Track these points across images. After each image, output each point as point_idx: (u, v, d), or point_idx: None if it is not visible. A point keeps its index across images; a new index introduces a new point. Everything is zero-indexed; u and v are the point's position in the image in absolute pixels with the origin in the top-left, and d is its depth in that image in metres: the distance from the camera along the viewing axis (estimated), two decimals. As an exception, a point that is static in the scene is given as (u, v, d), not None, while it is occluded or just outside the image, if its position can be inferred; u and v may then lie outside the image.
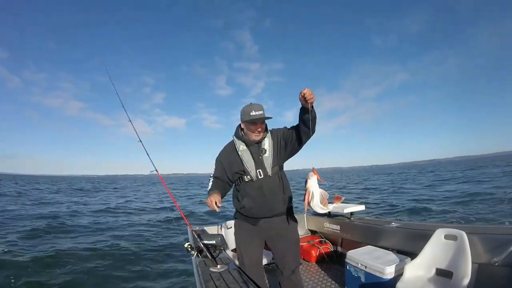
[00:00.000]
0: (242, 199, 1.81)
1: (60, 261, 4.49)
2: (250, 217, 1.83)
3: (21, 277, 3.86)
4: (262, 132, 1.78)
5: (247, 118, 1.71)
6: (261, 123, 1.75)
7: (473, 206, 8.98)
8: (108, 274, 4.13)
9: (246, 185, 1.80)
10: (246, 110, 1.72)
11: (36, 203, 12.57)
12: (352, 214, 3.28)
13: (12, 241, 5.63)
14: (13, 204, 11.76)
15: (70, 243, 5.71)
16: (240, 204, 1.84)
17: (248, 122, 1.72)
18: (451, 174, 27.91)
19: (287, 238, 1.85)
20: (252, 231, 1.85)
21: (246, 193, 1.80)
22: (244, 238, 1.88)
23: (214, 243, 1.81)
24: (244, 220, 1.87)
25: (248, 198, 1.79)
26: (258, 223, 1.82)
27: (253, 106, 1.72)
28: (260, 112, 1.70)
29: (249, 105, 1.74)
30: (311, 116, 1.56)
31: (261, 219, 1.81)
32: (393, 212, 9.14)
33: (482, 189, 12.80)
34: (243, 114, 1.75)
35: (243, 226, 1.88)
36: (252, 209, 1.79)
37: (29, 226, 7.06)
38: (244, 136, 1.81)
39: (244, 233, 1.88)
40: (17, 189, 23.78)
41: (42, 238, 6.10)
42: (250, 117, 1.69)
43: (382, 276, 2.10)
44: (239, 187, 1.86)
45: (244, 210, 1.83)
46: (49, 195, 18.39)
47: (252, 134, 1.76)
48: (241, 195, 1.83)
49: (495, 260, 1.77)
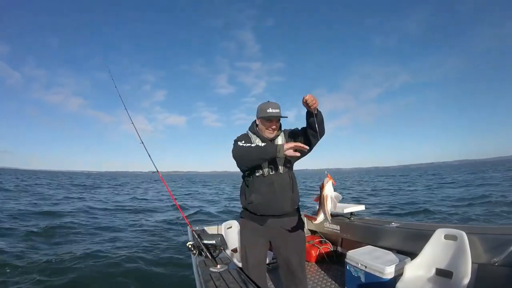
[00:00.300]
0: (251, 195, 1.78)
1: (60, 260, 4.49)
2: (258, 215, 1.80)
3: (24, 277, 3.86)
4: (276, 130, 1.80)
5: (263, 115, 1.74)
6: (276, 121, 1.78)
7: (473, 208, 9.00)
8: (107, 273, 4.13)
9: (257, 180, 1.78)
10: (263, 107, 1.75)
11: (38, 199, 12.56)
12: (352, 214, 3.29)
13: (12, 242, 5.64)
14: (13, 200, 11.76)
15: (69, 242, 5.71)
16: (248, 200, 1.81)
17: (264, 118, 1.75)
18: (451, 177, 27.98)
19: (294, 238, 1.83)
20: (259, 230, 1.83)
21: (256, 188, 1.78)
22: (250, 238, 1.85)
23: (214, 243, 1.81)
24: (250, 219, 1.84)
25: (257, 194, 1.77)
26: (266, 223, 1.80)
27: (271, 104, 1.75)
28: (276, 110, 1.73)
29: (266, 103, 1.77)
30: (317, 120, 1.58)
31: (269, 218, 1.79)
32: (392, 212, 9.16)
33: (483, 191, 12.84)
34: (259, 111, 1.78)
35: (249, 225, 1.86)
36: (260, 206, 1.77)
37: (31, 224, 7.08)
38: (259, 132, 1.83)
39: (250, 233, 1.86)
40: (17, 183, 23.81)
41: (42, 238, 6.10)
42: (267, 114, 1.72)
43: (382, 276, 2.10)
44: (248, 182, 1.82)
45: (251, 206, 1.79)
46: (51, 191, 18.42)
47: (266, 131, 1.79)
48: (249, 190, 1.80)
49: (495, 260, 1.77)
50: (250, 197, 1.79)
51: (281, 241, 1.83)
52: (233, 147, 1.78)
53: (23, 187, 20.30)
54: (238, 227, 3.18)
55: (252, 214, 1.83)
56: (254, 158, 1.64)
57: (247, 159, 1.67)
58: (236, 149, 1.73)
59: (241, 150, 1.69)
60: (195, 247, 1.82)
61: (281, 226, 1.81)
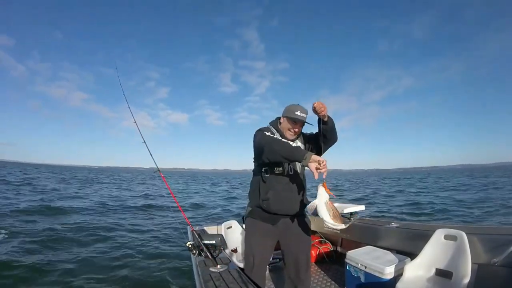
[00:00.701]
0: (268, 191, 1.77)
1: (57, 256, 4.49)
2: (271, 214, 1.79)
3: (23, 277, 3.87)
4: (296, 134, 1.83)
5: (290, 115, 1.75)
6: (300, 125, 1.80)
7: (474, 210, 8.99)
8: (105, 272, 4.13)
9: (276, 177, 1.78)
10: (292, 108, 1.76)
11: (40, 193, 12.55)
12: (352, 214, 3.28)
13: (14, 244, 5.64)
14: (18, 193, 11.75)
15: (69, 241, 5.71)
16: (263, 197, 1.78)
17: (290, 119, 1.76)
18: (454, 180, 27.86)
19: (302, 239, 1.86)
20: (268, 231, 1.82)
21: (273, 185, 1.77)
22: (258, 238, 1.84)
23: (214, 243, 1.81)
24: (261, 219, 1.83)
25: (275, 191, 1.76)
26: (278, 223, 1.81)
27: (300, 107, 1.76)
28: (304, 115, 1.74)
29: (296, 105, 1.78)
30: (327, 127, 1.63)
31: (281, 218, 1.80)
32: (393, 212, 9.15)
33: (484, 194, 12.84)
34: (287, 110, 1.79)
35: (259, 225, 1.84)
36: (276, 203, 1.76)
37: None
38: (281, 130, 1.84)
39: (259, 233, 1.84)
40: (22, 177, 23.84)
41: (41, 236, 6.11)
42: (294, 115, 1.73)
43: (382, 276, 2.10)
44: (266, 178, 1.79)
45: (267, 203, 1.77)
46: (57, 184, 18.42)
47: (287, 131, 1.80)
48: (266, 187, 1.79)
49: (495, 260, 1.77)
50: (267, 194, 1.77)
51: (292, 240, 1.85)
52: (258, 135, 1.76)
53: (27, 180, 20.38)
54: (238, 227, 3.19)
55: (264, 213, 1.81)
56: (280, 153, 1.58)
57: (272, 149, 1.60)
58: (263, 137, 1.69)
59: (269, 139, 1.65)
60: (195, 247, 1.83)
61: (292, 225, 1.83)
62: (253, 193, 1.87)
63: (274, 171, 1.77)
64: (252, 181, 1.92)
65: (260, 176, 1.82)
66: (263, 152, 1.65)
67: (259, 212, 1.83)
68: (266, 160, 1.68)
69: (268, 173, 1.78)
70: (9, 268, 4.03)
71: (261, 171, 1.80)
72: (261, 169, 1.80)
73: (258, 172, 1.85)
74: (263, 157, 1.68)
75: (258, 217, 1.84)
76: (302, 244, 1.86)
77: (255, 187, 1.86)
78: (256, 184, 1.86)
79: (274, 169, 1.77)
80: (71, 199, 12.95)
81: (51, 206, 9.55)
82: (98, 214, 9.39)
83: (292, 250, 1.85)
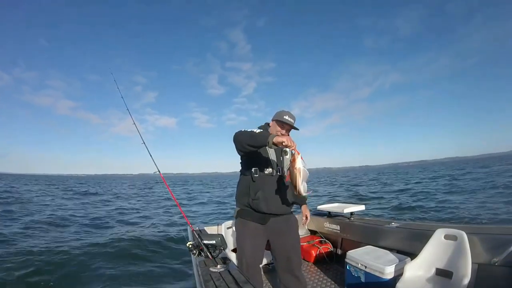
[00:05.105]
0: (257, 191, 1.82)
1: (59, 259, 4.48)
2: (260, 213, 1.83)
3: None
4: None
5: (279, 118, 1.86)
6: (287, 130, 1.88)
7: (472, 206, 8.97)
8: (105, 272, 4.13)
9: (265, 177, 1.84)
10: (281, 113, 1.88)
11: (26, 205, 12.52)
12: (352, 214, 3.29)
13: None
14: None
15: (69, 241, 5.70)
16: (253, 197, 1.83)
17: (278, 121, 1.87)
18: (443, 173, 27.94)
19: (292, 237, 1.92)
20: (259, 230, 1.86)
21: (263, 185, 1.83)
22: (248, 238, 1.87)
23: (214, 243, 1.81)
24: (251, 219, 1.87)
25: (264, 191, 1.82)
26: (267, 222, 1.86)
27: (289, 113, 1.87)
28: (292, 120, 1.86)
29: (286, 111, 1.90)
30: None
31: (270, 217, 1.85)
32: (393, 212, 9.15)
33: (478, 187, 12.86)
34: (277, 114, 1.90)
35: (249, 225, 1.87)
36: (266, 203, 1.81)
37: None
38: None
39: (249, 233, 1.87)
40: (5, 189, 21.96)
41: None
42: (282, 119, 1.85)
43: (382, 276, 2.10)
44: (255, 178, 1.84)
45: (256, 203, 1.82)
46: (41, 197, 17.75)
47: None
48: (255, 187, 1.83)
49: (495, 260, 1.77)
50: (256, 194, 1.82)
51: (282, 240, 1.88)
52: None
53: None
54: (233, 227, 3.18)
55: (254, 212, 1.85)
56: (245, 141, 1.66)
57: (238, 140, 1.70)
58: (235, 133, 1.78)
59: (238, 133, 1.75)
60: (195, 247, 1.82)
61: (281, 225, 1.87)
62: (242, 193, 1.92)
63: (264, 171, 1.84)
64: (240, 181, 1.97)
65: (250, 176, 1.86)
66: (236, 144, 1.75)
67: (249, 211, 1.87)
68: (240, 153, 1.82)
69: (258, 173, 1.84)
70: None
71: (251, 171, 1.85)
72: (251, 169, 1.85)
73: (247, 172, 1.89)
74: (237, 151, 1.80)
75: (248, 217, 1.88)
76: (293, 243, 1.92)
77: (244, 187, 1.91)
78: (245, 184, 1.90)
79: (264, 170, 1.84)
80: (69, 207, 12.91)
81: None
82: (97, 212, 9.38)
83: (283, 250, 1.89)
